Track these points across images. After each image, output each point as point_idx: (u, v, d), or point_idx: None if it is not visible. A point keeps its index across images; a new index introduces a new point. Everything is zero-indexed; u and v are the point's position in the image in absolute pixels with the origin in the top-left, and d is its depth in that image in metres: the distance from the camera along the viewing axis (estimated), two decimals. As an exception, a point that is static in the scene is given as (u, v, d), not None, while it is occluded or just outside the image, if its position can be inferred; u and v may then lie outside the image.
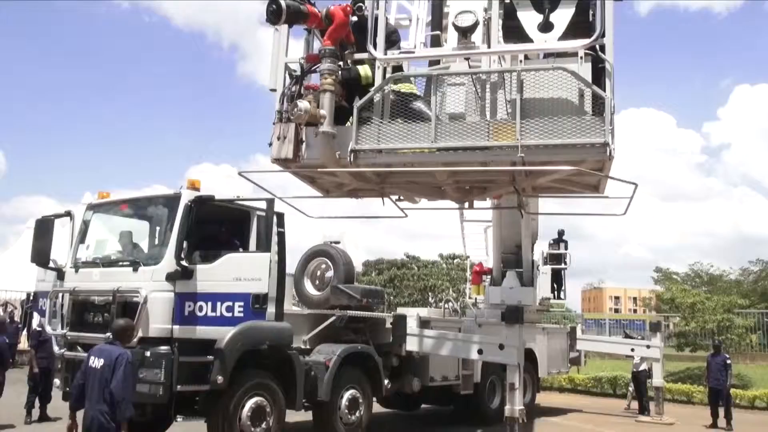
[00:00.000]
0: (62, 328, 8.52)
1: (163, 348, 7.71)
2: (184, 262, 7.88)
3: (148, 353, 7.65)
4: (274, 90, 4.96)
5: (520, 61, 4.70)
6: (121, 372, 5.59)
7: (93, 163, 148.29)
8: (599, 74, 4.50)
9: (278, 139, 4.61)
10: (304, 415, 9.61)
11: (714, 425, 13.75)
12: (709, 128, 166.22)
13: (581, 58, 4.50)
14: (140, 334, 7.68)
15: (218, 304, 7.87)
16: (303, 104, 4.36)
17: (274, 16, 4.47)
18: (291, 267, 10.40)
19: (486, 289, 14.31)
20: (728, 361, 14.25)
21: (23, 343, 21.22)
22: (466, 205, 6.43)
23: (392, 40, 5.46)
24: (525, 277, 12.80)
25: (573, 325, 19.81)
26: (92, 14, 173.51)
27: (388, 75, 4.87)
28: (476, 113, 4.64)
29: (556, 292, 16.49)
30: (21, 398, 11.80)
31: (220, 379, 7.68)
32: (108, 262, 8.68)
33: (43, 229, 8.97)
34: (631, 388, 16.48)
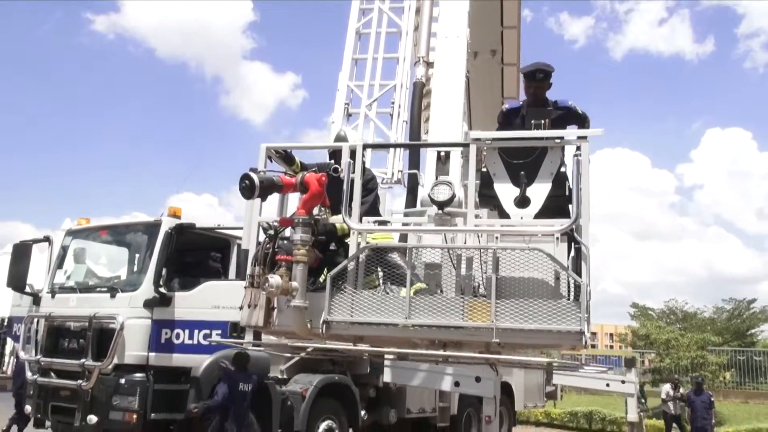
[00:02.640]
0: (36, 354, 8.39)
1: (138, 375, 7.64)
2: (162, 289, 7.85)
3: (122, 380, 7.58)
4: (246, 250, 4.94)
5: (496, 238, 4.60)
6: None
7: (73, 190, 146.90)
8: (576, 253, 4.36)
9: (249, 306, 4.52)
10: (280, 446, 9.47)
11: None
12: (682, 169, 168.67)
13: (557, 238, 4.38)
14: (115, 360, 7.60)
15: (195, 331, 7.80)
16: (274, 279, 4.29)
17: (247, 191, 4.42)
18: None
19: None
20: (712, 399, 14.18)
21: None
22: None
23: (369, 188, 5.33)
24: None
25: (550, 359, 19.73)
26: (76, 45, 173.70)
27: (362, 238, 4.73)
28: (451, 284, 4.49)
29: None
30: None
31: (194, 407, 7.56)
32: (85, 288, 8.59)
33: (21, 253, 8.90)
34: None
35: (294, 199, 4.98)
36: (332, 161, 5.33)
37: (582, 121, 5.40)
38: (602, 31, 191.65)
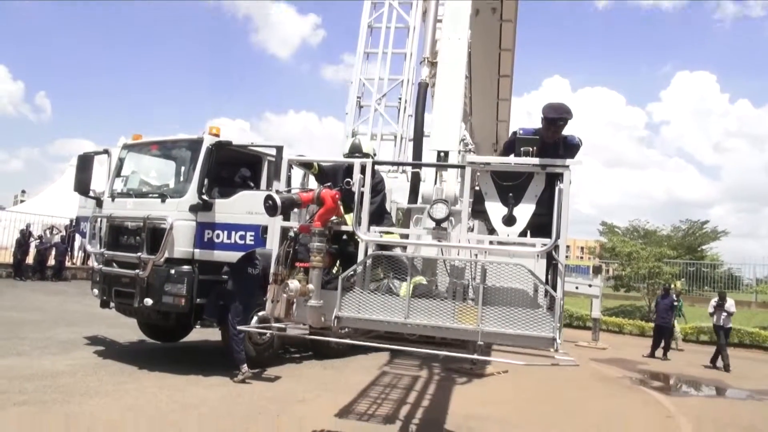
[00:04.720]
0: (100, 248, 8.56)
1: (186, 267, 7.81)
2: (205, 196, 7.89)
3: (173, 271, 7.75)
4: (271, 249, 4.85)
5: (485, 251, 4.41)
6: None
7: (126, 113, 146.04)
8: (553, 269, 4.27)
9: (272, 301, 4.50)
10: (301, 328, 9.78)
11: (652, 355, 13.93)
12: (652, 107, 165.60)
13: (537, 255, 4.21)
14: (166, 254, 7.75)
15: (233, 232, 7.86)
16: (293, 284, 4.25)
17: (271, 210, 4.39)
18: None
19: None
20: (675, 303, 14.30)
21: (68, 262, 21.39)
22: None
23: (377, 190, 5.13)
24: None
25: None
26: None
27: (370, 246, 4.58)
28: (445, 283, 4.44)
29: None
30: (78, 306, 12.90)
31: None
32: (140, 194, 8.66)
33: (85, 163, 8.92)
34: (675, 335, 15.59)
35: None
36: (345, 162, 5.18)
37: (577, 151, 5.08)
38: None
